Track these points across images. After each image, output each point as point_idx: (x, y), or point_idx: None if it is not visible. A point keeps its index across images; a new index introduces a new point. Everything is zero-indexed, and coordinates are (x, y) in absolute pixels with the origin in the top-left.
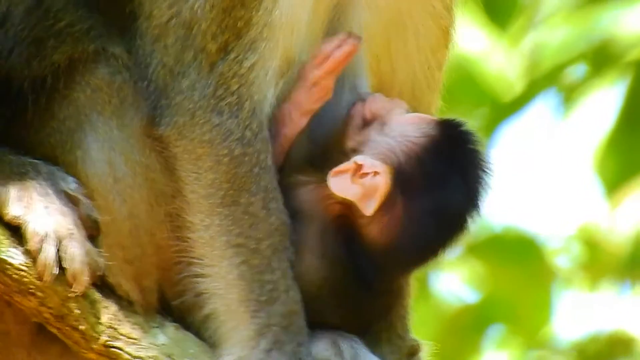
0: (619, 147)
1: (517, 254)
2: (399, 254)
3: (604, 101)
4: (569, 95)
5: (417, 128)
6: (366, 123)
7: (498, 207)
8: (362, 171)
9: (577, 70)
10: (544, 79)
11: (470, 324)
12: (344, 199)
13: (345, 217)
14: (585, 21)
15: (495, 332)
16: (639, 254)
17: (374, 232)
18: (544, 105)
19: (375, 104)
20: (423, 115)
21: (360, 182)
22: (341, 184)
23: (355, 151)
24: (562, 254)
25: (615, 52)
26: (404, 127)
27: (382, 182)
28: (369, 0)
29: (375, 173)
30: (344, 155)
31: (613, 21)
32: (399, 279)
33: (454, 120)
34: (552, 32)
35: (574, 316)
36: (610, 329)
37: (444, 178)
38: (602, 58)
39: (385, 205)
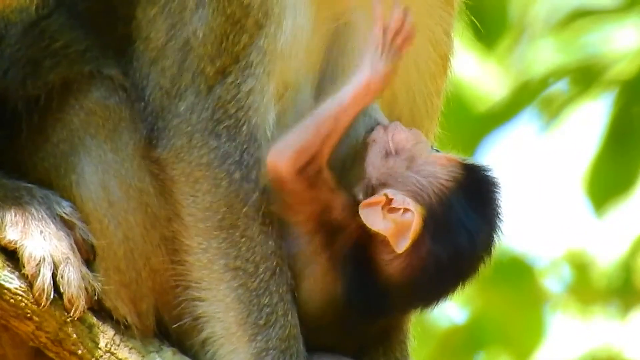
0: (607, 166)
1: (508, 274)
2: (414, 293)
3: (589, 118)
4: (554, 111)
5: (447, 170)
6: (389, 153)
7: None
8: (391, 205)
9: (562, 87)
10: (528, 93)
11: (461, 345)
12: (373, 231)
13: (364, 246)
14: (571, 39)
15: (486, 353)
16: (630, 277)
17: (394, 269)
18: (529, 123)
19: (399, 134)
20: (450, 156)
21: (392, 218)
22: (373, 216)
23: (382, 183)
24: (552, 276)
25: (598, 68)
26: (433, 168)
27: (414, 220)
28: (368, 29)
29: (405, 210)
30: (369, 184)
31: (599, 39)
32: (404, 314)
33: (480, 165)
34: (539, 51)
35: (565, 339)
36: (604, 352)
37: (470, 225)
38: (586, 74)
39: (413, 245)
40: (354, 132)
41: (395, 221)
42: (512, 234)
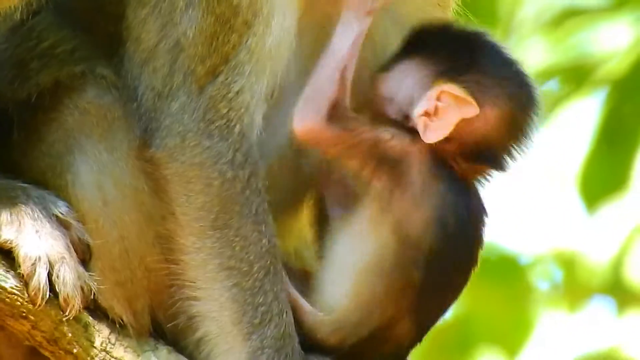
0: (599, 165)
1: (498, 272)
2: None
3: (580, 117)
4: (545, 110)
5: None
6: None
7: None
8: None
9: (553, 87)
10: None
11: (450, 343)
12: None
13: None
14: (561, 38)
15: (475, 351)
16: (621, 275)
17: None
18: None
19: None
20: None
21: (444, 105)
22: (432, 129)
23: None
24: (542, 274)
25: (589, 68)
26: None
27: (456, 92)
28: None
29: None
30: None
31: (589, 38)
32: None
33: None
34: (529, 51)
35: (554, 336)
36: (601, 349)
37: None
38: (577, 74)
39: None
40: None
41: (449, 104)
42: (502, 232)
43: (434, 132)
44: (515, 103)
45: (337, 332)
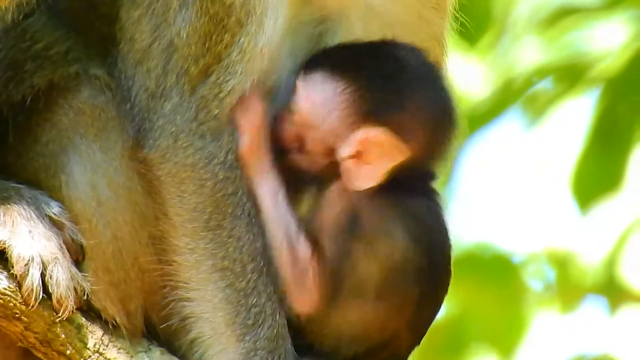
0: (592, 164)
1: (491, 272)
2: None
3: (573, 116)
4: (539, 109)
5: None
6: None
7: (470, 224)
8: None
9: (547, 85)
10: (513, 92)
11: (444, 343)
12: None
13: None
14: (555, 37)
15: (469, 350)
16: (614, 275)
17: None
18: (514, 121)
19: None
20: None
21: (373, 154)
22: (361, 177)
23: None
24: (536, 274)
25: (583, 66)
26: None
27: (379, 135)
28: (352, 31)
29: (368, 140)
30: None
31: (583, 37)
32: None
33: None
34: (523, 50)
35: (548, 336)
36: (594, 352)
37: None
38: (571, 72)
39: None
40: None
41: (379, 150)
42: (496, 231)
43: (363, 180)
44: (436, 132)
45: (331, 342)
